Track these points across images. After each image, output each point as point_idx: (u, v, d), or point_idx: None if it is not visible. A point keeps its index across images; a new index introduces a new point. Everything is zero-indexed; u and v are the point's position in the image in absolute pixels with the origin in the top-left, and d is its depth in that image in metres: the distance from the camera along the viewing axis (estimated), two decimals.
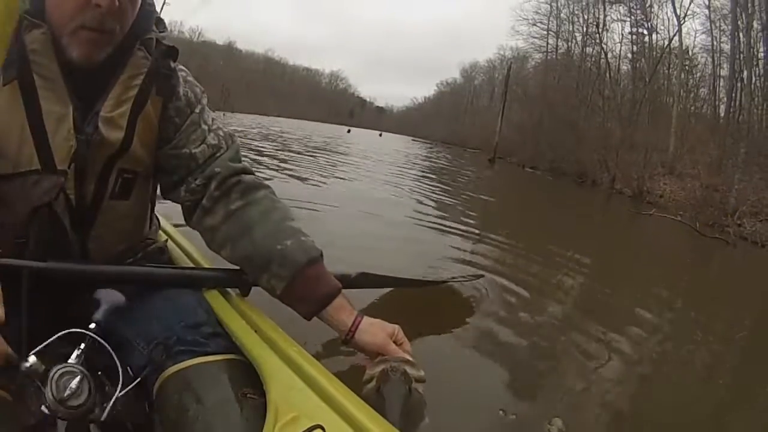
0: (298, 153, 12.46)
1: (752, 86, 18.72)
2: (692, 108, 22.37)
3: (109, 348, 0.92)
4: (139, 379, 0.98)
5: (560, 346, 2.63)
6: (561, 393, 2.10)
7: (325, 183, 7.63)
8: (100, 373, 0.92)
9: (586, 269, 4.82)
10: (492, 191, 12.36)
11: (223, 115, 22.38)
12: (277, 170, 7.84)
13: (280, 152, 11.72)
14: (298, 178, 7.50)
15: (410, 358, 1.12)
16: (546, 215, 9.79)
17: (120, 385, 0.90)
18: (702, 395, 2.43)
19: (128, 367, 1.00)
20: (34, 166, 1.01)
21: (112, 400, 0.87)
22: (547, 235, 6.66)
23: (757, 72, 18.81)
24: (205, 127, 1.21)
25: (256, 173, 1.26)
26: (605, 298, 3.97)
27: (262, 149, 11.64)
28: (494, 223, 6.88)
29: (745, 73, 19.40)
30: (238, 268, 1.21)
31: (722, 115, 20.21)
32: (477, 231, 5.83)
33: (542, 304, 3.36)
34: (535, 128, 25.61)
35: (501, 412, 1.82)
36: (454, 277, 2.91)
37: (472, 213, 7.44)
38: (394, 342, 1.14)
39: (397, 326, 1.16)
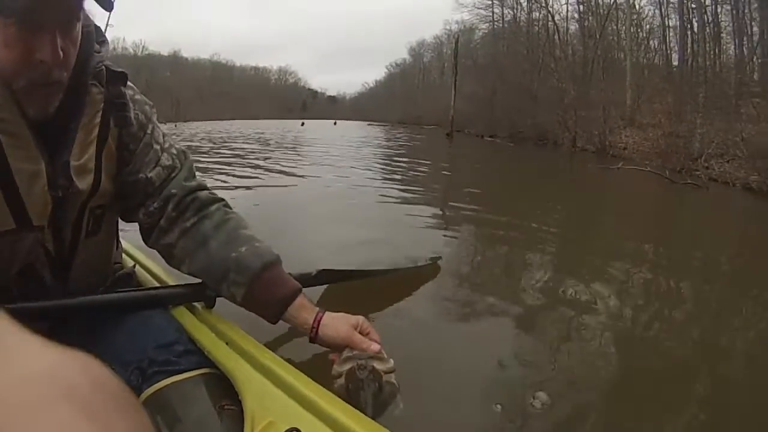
0: (247, 153, 12.03)
1: (704, 33, 18.81)
2: (644, 60, 22.36)
3: None
4: None
5: (535, 313, 2.52)
6: (542, 364, 1.99)
7: (279, 176, 7.45)
8: None
9: (558, 228, 4.73)
10: (451, 163, 12.15)
11: (175, 126, 21.76)
12: (227, 174, 7.41)
13: (230, 156, 11.34)
14: (250, 177, 7.21)
15: (377, 349, 1.13)
16: (510, 180, 9.66)
17: None
18: (685, 347, 2.32)
19: None
20: (9, 226, 1.00)
21: None
22: (513, 200, 6.59)
23: (707, 19, 18.92)
24: (158, 147, 1.22)
25: (210, 187, 1.29)
26: (581, 255, 3.86)
27: (217, 154, 11.16)
28: (456, 195, 6.73)
29: (695, 20, 19.50)
30: (200, 281, 1.24)
31: (676, 64, 20.26)
32: (439, 205, 5.84)
33: (514, 271, 3.31)
34: (490, 98, 25.65)
35: (479, 389, 1.76)
36: (417, 263, 2.79)
37: (433, 187, 7.44)
38: (360, 333, 1.16)
39: (360, 317, 1.19)
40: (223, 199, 1.28)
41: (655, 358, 2.17)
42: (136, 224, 1.28)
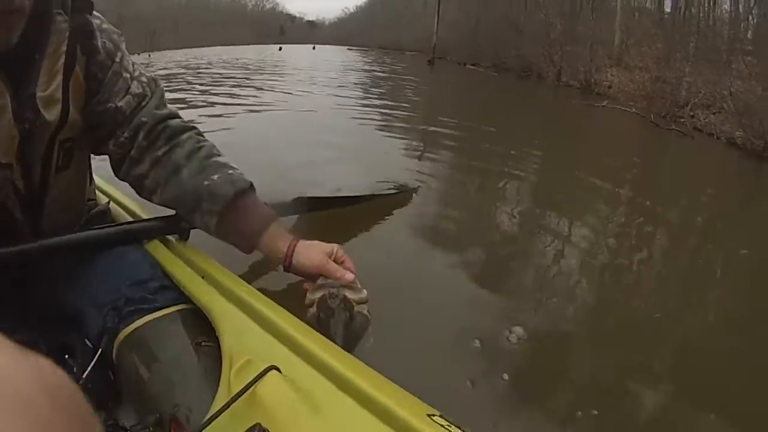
0: (222, 78, 11.38)
1: None
2: (635, 3, 21.86)
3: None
4: (100, 350, 0.98)
5: (511, 248, 2.57)
6: (516, 298, 2.03)
7: (252, 101, 7.22)
8: (67, 357, 0.98)
9: (538, 162, 4.75)
10: (432, 90, 12.11)
11: (149, 56, 20.70)
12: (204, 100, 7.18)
13: (208, 80, 10.80)
14: (223, 104, 6.94)
15: (351, 278, 1.12)
16: (491, 110, 9.55)
17: (82, 364, 0.94)
18: (661, 288, 2.40)
19: (86, 340, 1.03)
20: None
21: (80, 382, 0.87)
22: (494, 130, 6.46)
23: None
24: (127, 75, 1.18)
25: (183, 115, 1.26)
26: (560, 190, 3.91)
27: (192, 82, 10.46)
28: (436, 123, 6.57)
29: None
30: (174, 213, 1.22)
31: (668, 11, 19.79)
32: (419, 133, 5.82)
33: (491, 203, 3.31)
34: (474, 26, 24.98)
35: (452, 324, 1.75)
36: (394, 190, 2.81)
37: (413, 114, 7.37)
38: (335, 261, 1.15)
39: (335, 245, 1.18)
40: (195, 127, 1.26)
41: (624, 297, 2.22)
42: (108, 159, 1.25)
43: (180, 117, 1.25)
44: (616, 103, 11.19)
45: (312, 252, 1.15)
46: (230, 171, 1.17)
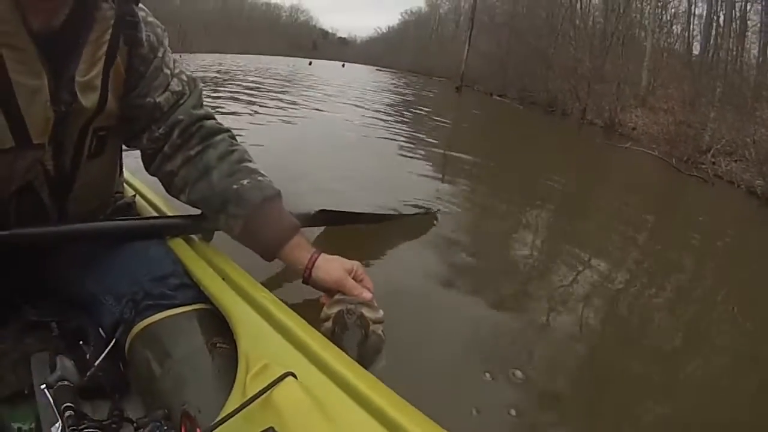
0: (256, 87, 11.45)
1: (730, 28, 18.27)
2: (665, 44, 21.82)
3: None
4: (114, 340, 0.99)
5: (524, 280, 2.57)
6: (529, 333, 2.03)
7: (285, 113, 7.28)
8: (81, 342, 1.01)
9: (558, 198, 4.77)
10: (459, 118, 12.12)
11: (180, 56, 21.11)
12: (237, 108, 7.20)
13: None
14: (256, 113, 6.95)
15: (369, 297, 1.12)
16: (516, 141, 9.51)
17: (94, 351, 0.96)
18: (671, 331, 2.41)
19: (100, 329, 1.04)
20: (7, 144, 0.96)
21: (92, 370, 0.89)
22: (517, 162, 6.51)
23: (735, 14, 18.36)
24: (168, 72, 1.19)
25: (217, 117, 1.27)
26: (578, 228, 3.92)
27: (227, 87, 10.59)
28: (461, 150, 6.66)
29: (722, 13, 18.92)
30: (199, 213, 1.23)
31: (696, 53, 19.82)
32: (442, 160, 5.77)
33: (509, 238, 3.28)
34: (503, 57, 25.04)
35: (466, 352, 1.77)
36: (416, 212, 2.85)
37: (439, 139, 7.36)
38: (354, 278, 1.15)
39: (356, 262, 1.18)
40: (229, 130, 1.26)
41: (634, 338, 2.22)
42: (138, 153, 1.26)
43: (215, 119, 1.26)
44: (638, 145, 11.10)
45: (332, 267, 1.15)
46: (260, 177, 1.17)
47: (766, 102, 12.96)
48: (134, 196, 1.45)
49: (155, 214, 1.40)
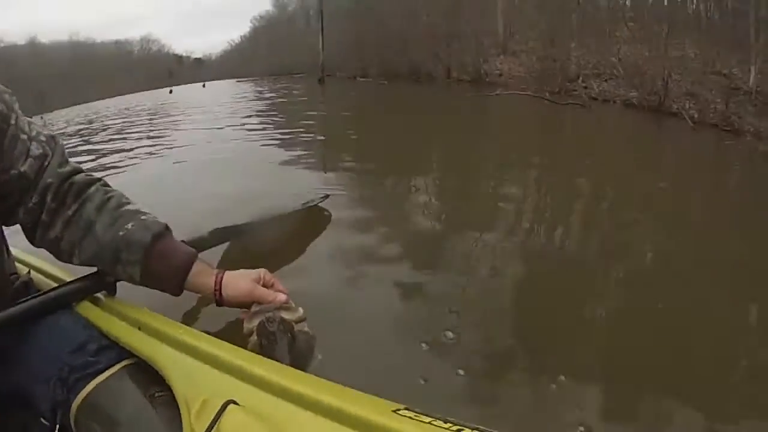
0: (111, 133, 10.47)
1: None
2: None
3: None
4: (57, 426, 0.97)
5: (426, 241, 2.57)
6: (443, 293, 1.98)
7: (152, 148, 6.81)
8: None
9: (442, 157, 4.95)
10: (326, 107, 12.22)
11: (41, 118, 20.03)
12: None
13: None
14: (120, 152, 6.60)
15: (284, 299, 1.13)
16: (387, 116, 9.75)
17: None
18: (578, 267, 2.41)
19: (41, 419, 1.01)
20: None
21: None
22: (392, 135, 6.51)
23: None
24: (25, 137, 1.12)
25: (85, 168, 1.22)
26: (470, 181, 3.94)
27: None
28: (336, 136, 6.82)
29: None
30: (96, 270, 1.19)
31: None
32: (320, 148, 5.87)
33: (405, 207, 3.24)
34: (358, 39, 25.17)
35: (394, 330, 1.74)
36: (306, 203, 2.72)
37: (310, 132, 7.28)
38: (264, 285, 1.16)
39: (262, 269, 1.18)
40: (101, 179, 1.20)
41: (546, 277, 2.22)
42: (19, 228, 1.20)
43: (83, 171, 1.20)
44: (509, 89, 11.33)
45: (239, 281, 1.14)
46: (143, 217, 1.13)
47: (622, 23, 13.88)
48: (29, 272, 1.37)
49: (54, 284, 1.28)
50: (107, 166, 5.52)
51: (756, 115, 8.66)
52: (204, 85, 46.49)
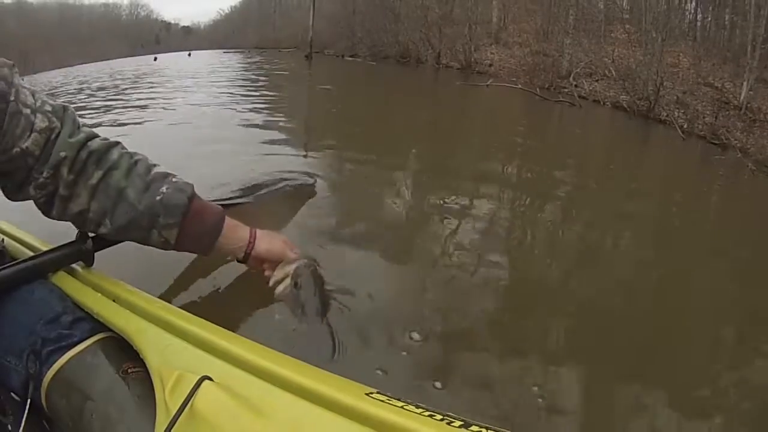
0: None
1: None
2: None
3: None
4: (29, 401, 0.95)
5: (412, 236, 2.51)
6: (418, 287, 1.93)
7: (134, 118, 6.41)
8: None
9: (428, 146, 4.77)
10: (312, 84, 11.95)
11: (24, 80, 19.56)
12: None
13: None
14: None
15: (307, 262, 1.21)
16: (373, 98, 9.34)
17: (14, 420, 0.92)
18: (551, 265, 2.39)
19: (12, 393, 0.99)
20: None
21: None
22: (378, 118, 6.44)
23: None
24: (28, 111, 1.05)
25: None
26: (453, 170, 3.89)
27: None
28: (321, 115, 6.66)
29: None
30: (74, 239, 1.18)
31: None
32: (304, 127, 5.71)
33: (385, 190, 3.16)
34: (350, 17, 24.84)
35: (378, 309, 1.66)
36: (293, 184, 2.71)
37: (295, 109, 7.16)
38: None
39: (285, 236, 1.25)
40: (118, 142, 1.16)
41: (520, 273, 2.20)
42: None
43: (98, 135, 1.14)
44: (499, 81, 11.10)
45: (273, 238, 1.21)
46: (174, 179, 1.12)
47: (618, 23, 13.85)
48: (2, 240, 1.33)
49: (30, 253, 1.25)
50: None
51: (744, 131, 8.71)
52: (189, 54, 45.93)
